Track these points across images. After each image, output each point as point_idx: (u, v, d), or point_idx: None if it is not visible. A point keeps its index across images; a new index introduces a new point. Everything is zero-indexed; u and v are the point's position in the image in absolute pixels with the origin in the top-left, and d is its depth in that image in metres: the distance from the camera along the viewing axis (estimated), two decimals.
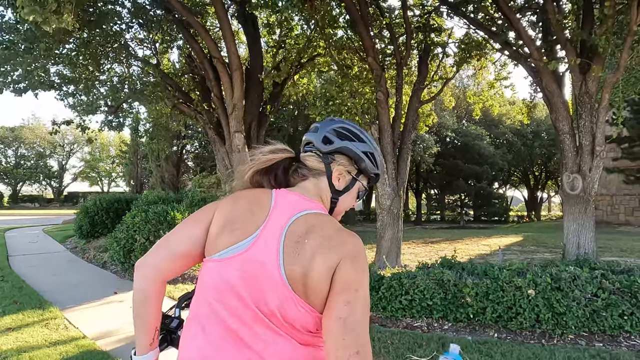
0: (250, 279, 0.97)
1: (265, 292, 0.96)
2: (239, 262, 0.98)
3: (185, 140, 20.36)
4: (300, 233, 0.99)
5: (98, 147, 47.62)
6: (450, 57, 10.13)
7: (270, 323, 0.96)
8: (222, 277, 0.99)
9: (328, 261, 0.94)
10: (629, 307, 4.03)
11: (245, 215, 1.04)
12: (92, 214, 10.41)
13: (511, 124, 27.09)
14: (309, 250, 0.96)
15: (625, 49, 5.67)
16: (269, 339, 0.96)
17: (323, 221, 1.03)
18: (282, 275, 0.95)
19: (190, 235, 1.07)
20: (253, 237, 1.00)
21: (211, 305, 0.99)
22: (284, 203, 1.06)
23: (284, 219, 1.02)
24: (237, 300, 0.97)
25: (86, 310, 5.19)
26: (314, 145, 1.18)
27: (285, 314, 0.95)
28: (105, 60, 10.20)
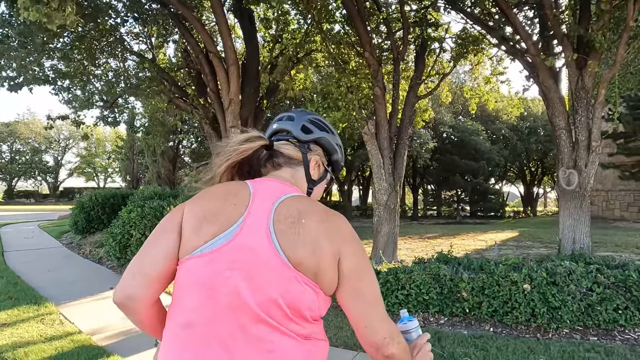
0: (244, 268, 0.90)
1: (263, 279, 0.89)
2: (227, 252, 0.91)
3: (181, 135, 20.28)
4: (293, 214, 0.95)
5: (94, 143, 47.43)
6: (447, 52, 10.12)
7: (270, 320, 0.88)
8: (208, 273, 0.90)
9: (333, 248, 0.93)
10: (623, 301, 4.05)
11: (223, 206, 0.97)
12: (88, 209, 10.37)
13: (508, 119, 27.15)
14: (311, 232, 0.93)
15: (621, 45, 5.68)
16: (274, 339, 0.88)
17: (312, 203, 1.01)
18: (281, 257, 0.90)
19: (165, 250, 0.96)
20: (237, 225, 0.93)
21: (198, 310, 0.89)
22: (264, 189, 1.02)
23: (268, 203, 0.97)
24: (230, 295, 0.88)
25: (82, 305, 5.18)
26: (290, 134, 1.15)
27: (291, 298, 0.89)
28: (101, 55, 10.13)
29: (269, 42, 11.33)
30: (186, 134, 20.57)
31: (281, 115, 1.20)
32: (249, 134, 1.09)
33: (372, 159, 7.78)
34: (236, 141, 1.08)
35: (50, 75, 9.56)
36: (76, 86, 10.18)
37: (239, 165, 1.10)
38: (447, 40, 9.94)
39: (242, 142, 1.07)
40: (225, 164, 1.07)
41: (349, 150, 22.03)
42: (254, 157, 1.11)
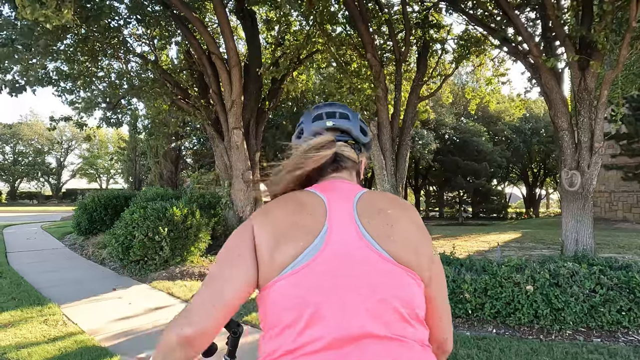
0: (345, 275, 0.82)
1: (370, 282, 0.82)
2: (322, 264, 0.82)
3: (183, 137, 20.34)
4: (376, 208, 0.92)
5: (96, 144, 47.59)
6: (449, 54, 10.12)
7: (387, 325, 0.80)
8: (308, 289, 0.81)
9: (425, 239, 0.93)
10: (626, 302, 4.04)
11: (300, 218, 0.89)
12: (91, 210, 10.39)
13: (510, 120, 27.13)
14: (402, 223, 0.91)
15: (624, 46, 5.67)
16: (392, 349, 0.79)
17: (387, 195, 1.00)
18: (382, 253, 0.85)
19: (245, 276, 0.86)
20: (324, 233, 0.86)
21: (302, 333, 0.79)
22: (335, 191, 0.96)
23: (346, 203, 0.92)
24: (336, 306, 0.79)
25: (85, 306, 5.19)
26: (349, 134, 1.08)
27: (404, 296, 0.83)
28: (103, 57, 10.17)
29: (271, 44, 11.35)
30: (188, 136, 20.63)
31: (331, 110, 1.10)
32: (323, 139, 0.99)
33: (374, 160, 7.78)
34: (309, 148, 0.98)
35: (54, 76, 9.60)
36: (79, 88, 10.22)
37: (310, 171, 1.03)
38: (449, 42, 9.96)
39: (318, 148, 0.98)
40: (300, 172, 0.98)
41: None
42: (325, 162, 1.02)
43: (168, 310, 5.06)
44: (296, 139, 1.11)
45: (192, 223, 7.35)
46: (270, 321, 0.84)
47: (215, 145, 9.59)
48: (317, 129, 1.07)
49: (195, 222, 7.42)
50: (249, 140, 9.40)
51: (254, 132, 9.80)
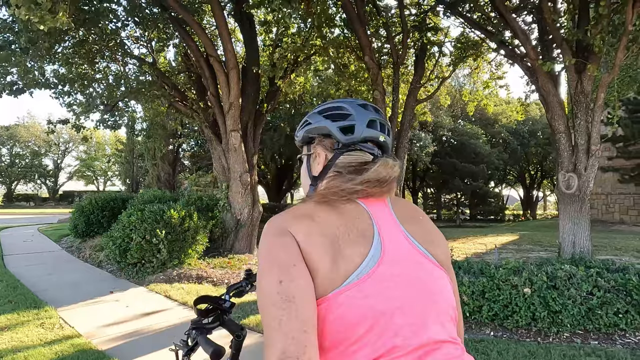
0: (411, 281, 0.81)
1: (433, 289, 0.83)
2: (386, 270, 0.80)
3: (181, 139, 20.31)
4: (410, 213, 0.96)
5: (94, 146, 47.50)
6: (446, 57, 10.16)
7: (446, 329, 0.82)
8: (379, 298, 0.77)
9: (448, 252, 0.96)
10: (624, 305, 4.05)
11: (352, 221, 0.85)
12: (88, 212, 10.36)
13: (507, 123, 27.21)
14: (429, 227, 0.96)
15: (620, 49, 5.70)
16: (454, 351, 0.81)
17: (408, 202, 1.05)
18: (431, 259, 0.87)
19: (309, 285, 0.76)
20: (377, 238, 0.84)
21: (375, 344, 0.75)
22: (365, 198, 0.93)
23: (382, 206, 0.92)
24: (407, 315, 0.78)
25: (82, 309, 5.17)
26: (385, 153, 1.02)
27: (451, 300, 0.87)
28: (101, 59, 10.16)
29: (269, 46, 11.37)
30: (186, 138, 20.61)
31: (382, 121, 1.01)
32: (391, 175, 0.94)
33: None
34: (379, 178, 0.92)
35: (52, 79, 9.59)
36: (77, 90, 10.20)
37: None
38: (447, 45, 10.01)
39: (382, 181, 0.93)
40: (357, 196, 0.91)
41: None
42: None
43: (165, 313, 5.05)
44: (340, 133, 0.96)
45: (189, 225, 7.34)
46: (334, 337, 0.76)
47: (213, 148, 9.58)
48: (370, 136, 0.97)
49: (192, 225, 7.41)
50: (247, 143, 9.40)
51: (251, 135, 9.79)
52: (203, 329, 1.36)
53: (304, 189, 1.05)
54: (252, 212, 8.97)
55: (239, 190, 8.77)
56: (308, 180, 1.02)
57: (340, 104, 1.01)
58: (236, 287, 1.58)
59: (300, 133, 1.05)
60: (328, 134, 0.98)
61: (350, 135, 0.96)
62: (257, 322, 4.63)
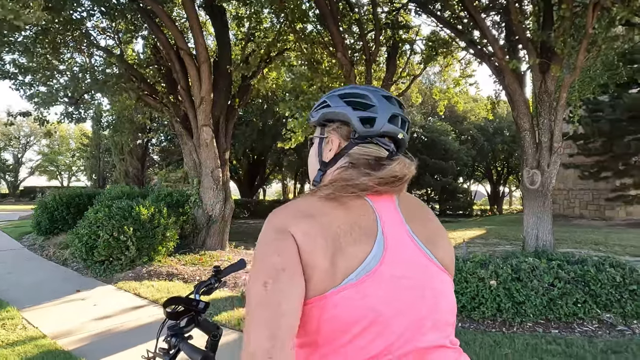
0: (413, 283, 0.80)
1: (436, 293, 0.81)
2: (387, 271, 0.78)
3: (150, 133, 19.83)
4: (418, 213, 0.92)
5: (57, 140, 45.63)
6: (417, 54, 10.32)
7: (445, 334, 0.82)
8: (379, 299, 0.76)
9: (453, 254, 0.93)
10: (582, 295, 4.26)
11: (355, 218, 0.83)
12: (52, 209, 9.98)
13: (475, 120, 27.92)
14: (436, 228, 0.93)
15: (581, 51, 5.95)
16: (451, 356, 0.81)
17: (417, 200, 1.00)
18: (435, 262, 0.85)
19: (301, 296, 0.76)
20: (380, 237, 0.82)
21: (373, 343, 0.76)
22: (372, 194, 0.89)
23: (389, 205, 0.88)
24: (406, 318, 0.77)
25: (46, 309, 5.00)
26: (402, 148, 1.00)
27: (453, 305, 0.86)
28: (65, 49, 9.78)
29: (241, 40, 11.23)
30: (156, 132, 20.13)
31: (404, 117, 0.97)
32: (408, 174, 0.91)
33: None
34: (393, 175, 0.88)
35: (11, 69, 9.16)
36: (39, 81, 9.79)
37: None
38: (418, 43, 10.16)
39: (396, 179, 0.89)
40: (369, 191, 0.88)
41: None
42: None
43: (135, 311, 4.95)
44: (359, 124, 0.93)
45: (159, 222, 7.20)
46: (328, 335, 0.76)
47: (184, 143, 9.42)
48: (390, 132, 0.93)
49: (162, 221, 7.27)
50: (219, 138, 9.28)
51: (223, 130, 9.67)
52: (183, 335, 1.33)
53: (311, 173, 1.01)
54: (224, 208, 8.88)
55: (210, 186, 8.66)
56: (317, 165, 0.98)
57: (364, 92, 0.96)
58: (205, 284, 1.55)
59: (317, 114, 0.99)
60: (346, 121, 0.94)
61: (369, 128, 0.92)
62: (230, 319, 4.61)
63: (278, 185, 44.31)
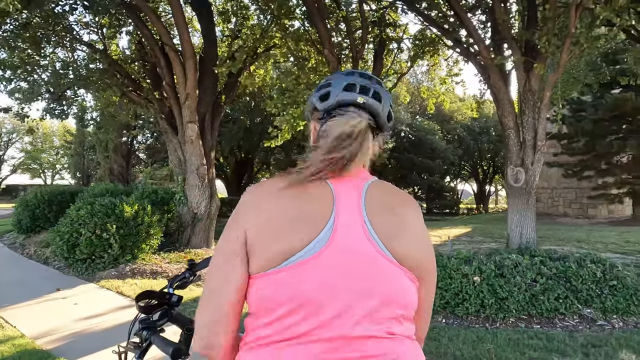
0: (350, 273, 0.79)
1: (372, 282, 0.79)
2: (326, 259, 0.78)
3: (135, 130, 19.56)
4: (386, 205, 0.88)
5: (40, 137, 44.74)
6: (404, 53, 10.36)
7: (382, 325, 0.80)
8: (313, 284, 0.78)
9: (428, 240, 0.92)
10: (563, 290, 4.32)
11: (306, 207, 0.84)
12: (33, 207, 9.78)
13: (462, 119, 28.14)
14: (409, 223, 0.88)
15: (564, 50, 6.02)
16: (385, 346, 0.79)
17: (396, 190, 0.96)
18: (387, 255, 0.81)
19: (242, 275, 0.82)
20: (330, 226, 0.81)
21: (304, 323, 0.77)
22: (343, 181, 0.88)
23: (354, 195, 0.86)
24: (337, 305, 0.77)
25: (25, 308, 4.89)
26: (375, 118, 0.93)
27: (408, 302, 0.84)
28: (47, 44, 9.57)
29: (228, 37, 11.14)
30: (141, 129, 19.87)
31: (366, 84, 0.93)
32: (359, 127, 0.89)
33: None
34: (343, 135, 0.87)
35: None
36: (20, 77, 9.57)
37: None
38: (405, 41, 10.18)
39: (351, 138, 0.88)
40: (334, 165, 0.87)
41: None
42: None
43: (117, 310, 4.87)
44: (319, 102, 0.94)
45: (143, 219, 7.10)
46: (261, 310, 0.81)
47: (169, 140, 9.30)
48: (345, 99, 0.91)
49: (146, 219, 7.17)
50: (205, 135, 9.19)
51: (209, 127, 9.58)
52: (155, 328, 1.31)
53: None
54: (209, 206, 8.80)
55: (195, 184, 8.57)
56: None
57: (329, 76, 1.01)
58: (179, 278, 1.52)
59: (305, 113, 1.06)
60: (315, 106, 0.97)
61: (326, 102, 0.93)
62: None
63: None
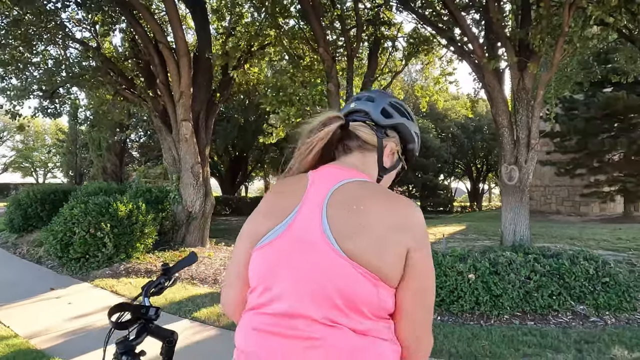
0: (298, 260, 0.86)
1: (314, 272, 0.84)
2: (280, 244, 0.89)
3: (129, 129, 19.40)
4: (349, 199, 0.90)
5: (32, 135, 44.32)
6: (399, 51, 10.37)
7: (319, 310, 0.83)
8: (265, 265, 0.89)
9: (397, 238, 0.86)
10: (557, 287, 4.36)
11: (282, 198, 0.97)
12: (25, 206, 9.69)
13: (456, 118, 28.24)
14: (371, 219, 0.87)
15: (557, 49, 6.06)
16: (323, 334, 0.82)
17: (376, 188, 0.97)
18: (333, 246, 0.84)
19: (245, 250, 0.96)
20: (291, 216, 0.90)
21: (259, 298, 0.89)
22: (323, 176, 0.97)
23: (324, 189, 0.93)
24: (285, 284, 0.86)
25: (19, 308, 4.85)
26: (368, 115, 1.06)
27: (345, 291, 0.83)
28: (39, 41, 9.47)
29: (222, 35, 11.09)
30: (134, 128, 19.71)
31: (360, 95, 1.12)
32: (327, 115, 1.02)
33: None
34: (315, 126, 1.01)
35: None
36: (11, 74, 9.47)
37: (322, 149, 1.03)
38: (399, 39, 10.20)
39: (321, 126, 1.00)
40: (314, 152, 1.01)
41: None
42: (334, 138, 1.03)
43: None
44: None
45: (137, 218, 7.07)
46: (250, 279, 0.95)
47: (163, 138, 9.25)
48: (346, 111, 1.09)
49: (141, 218, 7.14)
50: (199, 133, 9.15)
51: (203, 125, 9.54)
52: (134, 352, 1.22)
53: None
54: (204, 205, 8.77)
55: (190, 182, 8.54)
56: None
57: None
58: (154, 285, 1.42)
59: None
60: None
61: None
62: (209, 315, 4.56)
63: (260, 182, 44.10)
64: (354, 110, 1.08)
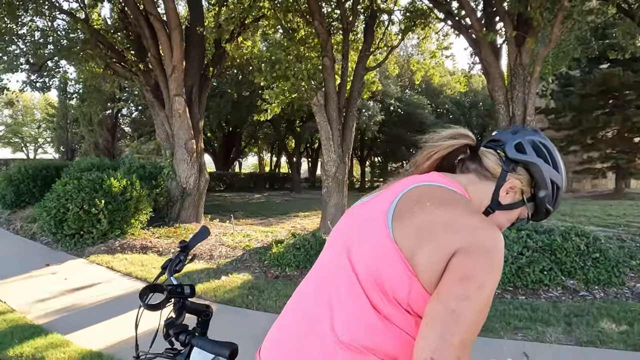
0: (355, 225, 0.97)
1: (364, 239, 0.91)
2: (351, 213, 1.04)
3: (120, 103, 19.09)
4: (416, 195, 0.91)
5: (21, 110, 43.51)
6: (395, 25, 10.18)
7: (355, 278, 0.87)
8: (336, 229, 1.06)
9: (442, 239, 0.81)
10: (548, 263, 4.44)
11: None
12: (17, 182, 9.60)
13: (451, 94, 28.07)
14: (425, 215, 0.85)
15: (556, 24, 5.98)
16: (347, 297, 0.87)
17: (445, 190, 0.93)
18: (387, 229, 0.86)
19: None
20: (370, 197, 1.05)
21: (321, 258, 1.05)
22: (418, 177, 1.00)
23: (405, 186, 0.96)
24: (335, 247, 0.98)
25: (15, 284, 4.86)
26: (502, 145, 1.03)
27: (377, 266, 0.84)
28: (24, 12, 9.18)
29: (215, 6, 10.79)
30: (126, 102, 19.40)
31: (512, 127, 1.10)
32: (457, 131, 1.06)
33: (321, 130, 7.79)
34: (442, 136, 1.06)
35: None
36: None
37: (441, 159, 1.06)
38: (396, 13, 9.99)
39: (448, 137, 1.05)
40: (432, 159, 1.05)
41: (298, 122, 21.90)
42: (454, 154, 1.06)
43: (108, 284, 4.87)
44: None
45: (131, 194, 7.03)
46: None
47: (156, 113, 9.12)
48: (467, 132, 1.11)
49: (135, 194, 7.10)
50: (192, 108, 9.03)
51: (197, 100, 9.40)
52: (187, 329, 1.24)
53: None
54: (198, 181, 8.74)
55: (184, 158, 8.48)
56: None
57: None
58: (176, 262, 1.44)
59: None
60: None
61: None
62: (206, 290, 4.60)
63: (254, 158, 43.92)
64: (494, 139, 1.08)
